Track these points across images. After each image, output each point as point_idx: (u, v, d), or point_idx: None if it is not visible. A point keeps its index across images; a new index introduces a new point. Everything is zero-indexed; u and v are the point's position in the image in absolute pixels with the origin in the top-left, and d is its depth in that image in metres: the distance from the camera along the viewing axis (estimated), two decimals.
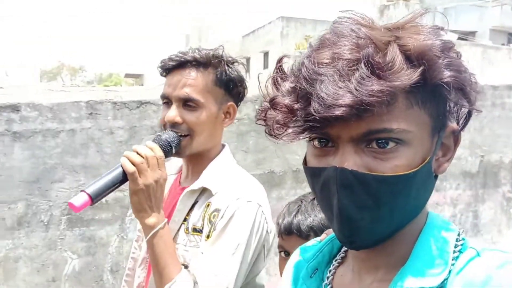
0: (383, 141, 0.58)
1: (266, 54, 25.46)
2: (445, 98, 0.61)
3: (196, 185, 1.28)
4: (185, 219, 1.28)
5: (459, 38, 18.87)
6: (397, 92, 0.56)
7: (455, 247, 0.62)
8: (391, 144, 0.58)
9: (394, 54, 0.56)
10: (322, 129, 0.59)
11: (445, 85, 0.58)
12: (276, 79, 0.65)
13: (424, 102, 0.59)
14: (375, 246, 0.64)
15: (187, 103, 1.26)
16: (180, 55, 1.29)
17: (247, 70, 1.40)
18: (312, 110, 0.56)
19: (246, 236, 1.20)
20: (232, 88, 1.33)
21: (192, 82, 1.26)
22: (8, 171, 2.50)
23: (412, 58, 0.57)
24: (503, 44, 23.79)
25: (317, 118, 0.56)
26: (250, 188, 1.29)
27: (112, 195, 2.83)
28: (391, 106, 0.56)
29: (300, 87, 0.59)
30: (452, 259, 0.61)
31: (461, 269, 0.59)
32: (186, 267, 1.22)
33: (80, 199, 1.07)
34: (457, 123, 0.65)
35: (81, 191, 1.09)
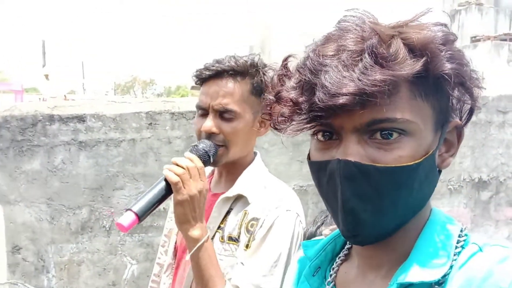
0: (387, 132, 0.58)
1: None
2: (448, 92, 0.60)
3: (232, 192, 1.27)
4: (219, 227, 1.27)
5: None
6: (400, 82, 0.57)
7: (458, 242, 0.63)
8: (395, 135, 0.58)
9: (398, 46, 0.57)
10: (326, 120, 0.59)
11: (446, 77, 0.57)
12: (282, 76, 0.66)
13: (427, 94, 0.59)
14: (379, 241, 0.64)
15: (223, 114, 1.24)
16: (217, 64, 1.26)
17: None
18: (317, 100, 0.57)
19: (287, 246, 1.17)
20: None
21: (229, 92, 1.24)
22: (74, 179, 2.64)
23: (415, 50, 0.57)
24: None
25: (322, 107, 0.57)
26: (287, 196, 1.27)
27: (169, 203, 2.90)
28: (394, 96, 0.57)
29: (305, 79, 0.60)
30: (454, 254, 0.61)
31: (463, 264, 0.59)
32: None
33: (128, 218, 1.07)
34: (460, 119, 0.64)
35: (127, 209, 1.08)
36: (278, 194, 1.26)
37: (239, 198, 1.27)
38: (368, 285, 0.67)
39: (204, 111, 1.27)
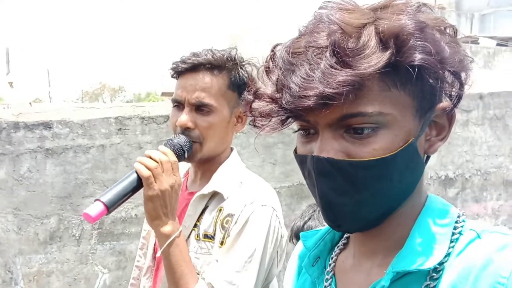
0: (360, 126, 0.57)
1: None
2: (427, 79, 0.58)
3: (207, 189, 1.25)
4: (195, 225, 1.24)
5: (498, 44, 18.30)
6: (367, 77, 0.55)
7: (455, 228, 0.61)
8: (369, 129, 0.57)
9: (367, 38, 0.55)
10: (301, 117, 0.59)
11: (417, 68, 0.56)
12: (268, 67, 0.65)
13: (404, 84, 0.57)
14: (367, 230, 0.64)
15: (200, 108, 1.22)
16: (193, 57, 1.24)
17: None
18: (283, 101, 0.57)
19: (262, 241, 1.16)
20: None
21: (206, 86, 1.22)
22: (41, 187, 2.57)
23: (384, 40, 0.55)
24: None
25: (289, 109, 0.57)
26: (263, 191, 1.25)
27: (141, 209, 2.86)
28: (364, 90, 0.55)
29: (277, 78, 0.60)
30: (452, 241, 0.60)
31: (461, 251, 0.58)
32: (197, 275, 1.19)
33: (96, 208, 1.03)
34: (450, 100, 0.62)
35: (96, 200, 1.05)
36: (254, 189, 1.24)
37: (215, 195, 1.25)
38: (365, 273, 0.66)
39: (180, 105, 1.25)
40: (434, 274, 0.58)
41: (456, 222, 0.62)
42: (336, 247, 0.74)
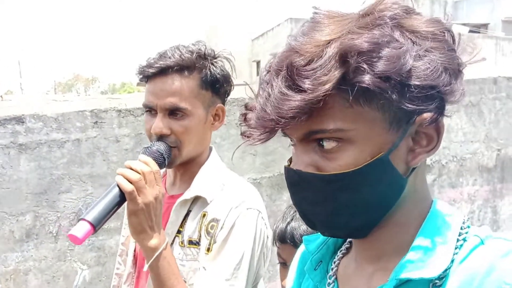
0: (324, 141, 0.59)
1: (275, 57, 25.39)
2: (394, 93, 0.56)
3: (189, 194, 1.20)
4: (178, 231, 1.20)
5: (471, 31, 18.62)
6: (326, 95, 0.55)
7: (459, 235, 0.61)
8: (332, 144, 0.58)
9: (327, 56, 0.55)
10: (281, 130, 0.61)
11: (367, 89, 0.55)
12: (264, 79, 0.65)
13: (368, 99, 0.57)
14: (359, 237, 0.65)
15: (173, 113, 1.16)
16: (161, 61, 1.17)
17: (233, 68, 1.29)
18: (253, 118, 0.61)
19: (250, 246, 1.13)
20: (219, 89, 1.24)
21: (177, 90, 1.16)
22: (15, 184, 2.49)
23: (339, 60, 0.55)
24: None
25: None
26: (246, 194, 1.21)
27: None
28: (325, 108, 0.56)
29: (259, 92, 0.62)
30: (456, 248, 0.59)
31: (465, 257, 0.58)
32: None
33: (82, 229, 0.96)
34: (434, 112, 0.59)
35: (81, 219, 0.98)
36: (238, 192, 1.21)
37: (197, 199, 1.21)
38: (367, 277, 0.66)
39: (152, 110, 1.19)
40: (437, 281, 0.58)
41: (461, 228, 0.62)
42: (338, 251, 0.74)
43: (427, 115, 0.59)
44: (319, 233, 0.78)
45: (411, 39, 0.57)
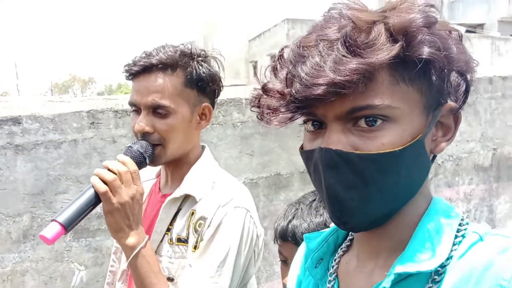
0: (370, 119, 0.57)
1: (273, 57, 25.41)
2: (436, 76, 0.59)
3: (179, 192, 1.21)
4: (168, 229, 1.21)
5: (467, 31, 18.68)
6: (379, 68, 0.56)
7: (458, 231, 0.61)
8: (378, 122, 0.57)
9: (378, 32, 0.56)
10: (310, 110, 0.59)
11: (425, 62, 0.56)
12: (275, 67, 0.65)
13: (412, 79, 0.58)
14: (372, 228, 0.63)
15: (156, 110, 1.17)
16: (145, 59, 1.18)
17: (221, 67, 1.29)
18: (294, 91, 0.57)
19: (236, 244, 1.13)
20: (205, 88, 1.24)
21: (160, 88, 1.16)
22: (12, 185, 2.49)
23: (394, 35, 0.56)
24: (511, 35, 23.43)
25: (299, 98, 0.57)
26: (235, 192, 1.22)
27: None
28: (373, 83, 0.56)
29: (287, 71, 0.60)
30: (454, 244, 0.60)
31: (463, 253, 0.59)
32: (171, 280, 1.16)
33: (52, 230, 0.98)
34: (456, 102, 0.63)
35: (52, 220, 0.99)
36: (227, 190, 1.21)
37: (187, 197, 1.21)
38: (368, 274, 0.66)
39: (137, 108, 1.20)
40: (436, 276, 0.58)
41: (460, 224, 0.62)
42: (339, 249, 0.74)
43: (453, 104, 0.61)
44: (319, 230, 0.78)
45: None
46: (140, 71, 1.18)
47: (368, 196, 0.59)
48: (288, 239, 1.24)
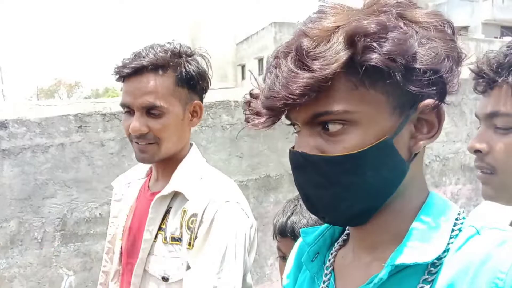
0: (329, 124, 0.60)
1: (260, 60, 25.49)
2: (401, 77, 0.58)
3: (167, 189, 1.22)
4: (160, 228, 1.22)
5: None
6: (332, 77, 0.57)
7: (455, 225, 0.62)
8: (337, 126, 0.60)
9: (335, 40, 0.58)
10: (285, 114, 0.63)
11: (378, 68, 0.57)
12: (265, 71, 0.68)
13: (373, 82, 0.58)
14: (357, 224, 0.66)
15: (150, 111, 1.19)
16: (136, 61, 1.19)
17: (208, 63, 1.31)
18: (260, 101, 0.62)
19: (232, 237, 1.15)
20: (195, 85, 1.26)
21: (152, 88, 1.17)
22: None
23: (349, 42, 0.57)
24: (495, 37, 23.83)
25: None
26: (224, 187, 1.24)
27: (106, 208, 2.78)
28: (332, 90, 0.58)
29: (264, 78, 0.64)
30: (451, 237, 0.61)
31: (460, 247, 0.59)
32: (166, 279, 1.16)
33: None
34: (435, 98, 0.62)
35: None
36: (214, 186, 1.23)
37: (176, 195, 1.22)
38: (364, 267, 0.67)
39: (130, 110, 1.21)
40: (432, 268, 0.59)
41: (456, 219, 0.63)
42: (336, 243, 0.75)
43: (429, 101, 0.61)
44: (318, 225, 0.79)
45: (413, 28, 0.59)
46: (131, 73, 1.19)
47: (335, 195, 0.62)
48: (287, 235, 1.26)
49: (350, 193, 0.61)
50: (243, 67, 28.97)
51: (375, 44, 0.56)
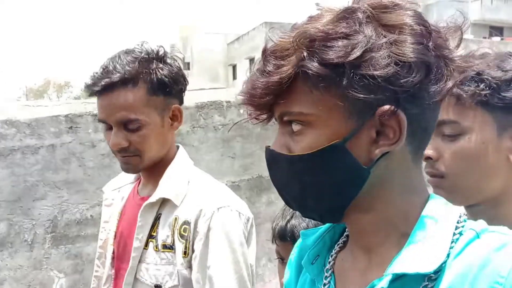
0: (292, 123, 0.63)
1: (252, 60, 25.50)
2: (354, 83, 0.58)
3: (155, 196, 1.21)
4: (151, 236, 1.21)
5: None
6: (290, 80, 0.60)
7: (456, 229, 0.61)
8: (298, 127, 0.62)
9: (290, 45, 0.61)
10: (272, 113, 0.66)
11: (333, 71, 0.58)
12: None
13: (327, 87, 0.59)
14: (335, 222, 0.70)
15: (127, 126, 1.17)
16: (105, 78, 1.15)
17: (186, 65, 1.28)
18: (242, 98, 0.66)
19: (235, 242, 1.16)
20: (170, 91, 1.22)
21: (125, 103, 1.15)
22: None
23: (297, 49, 0.60)
24: (484, 38, 24.06)
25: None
26: (215, 192, 1.23)
27: (97, 210, 2.76)
28: (293, 92, 0.61)
29: None
30: (452, 242, 0.60)
31: (460, 251, 0.58)
32: (159, 287, 1.16)
33: None
34: (393, 105, 0.60)
35: None
36: (205, 191, 1.22)
37: (165, 201, 1.21)
38: (363, 271, 0.66)
39: (107, 125, 1.20)
40: (432, 275, 0.58)
41: (458, 221, 0.62)
42: (336, 245, 0.75)
43: (385, 107, 0.59)
44: (317, 228, 0.79)
45: (382, 33, 0.58)
46: (101, 90, 1.16)
47: (299, 192, 0.65)
48: (287, 239, 1.24)
49: (310, 192, 0.64)
50: (234, 67, 28.95)
51: (317, 52, 0.58)
